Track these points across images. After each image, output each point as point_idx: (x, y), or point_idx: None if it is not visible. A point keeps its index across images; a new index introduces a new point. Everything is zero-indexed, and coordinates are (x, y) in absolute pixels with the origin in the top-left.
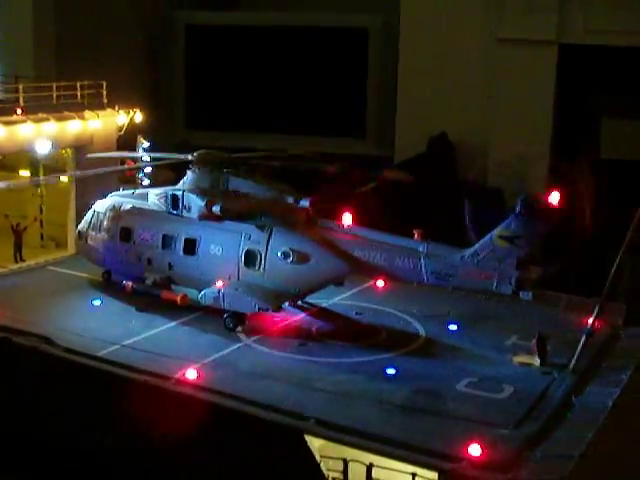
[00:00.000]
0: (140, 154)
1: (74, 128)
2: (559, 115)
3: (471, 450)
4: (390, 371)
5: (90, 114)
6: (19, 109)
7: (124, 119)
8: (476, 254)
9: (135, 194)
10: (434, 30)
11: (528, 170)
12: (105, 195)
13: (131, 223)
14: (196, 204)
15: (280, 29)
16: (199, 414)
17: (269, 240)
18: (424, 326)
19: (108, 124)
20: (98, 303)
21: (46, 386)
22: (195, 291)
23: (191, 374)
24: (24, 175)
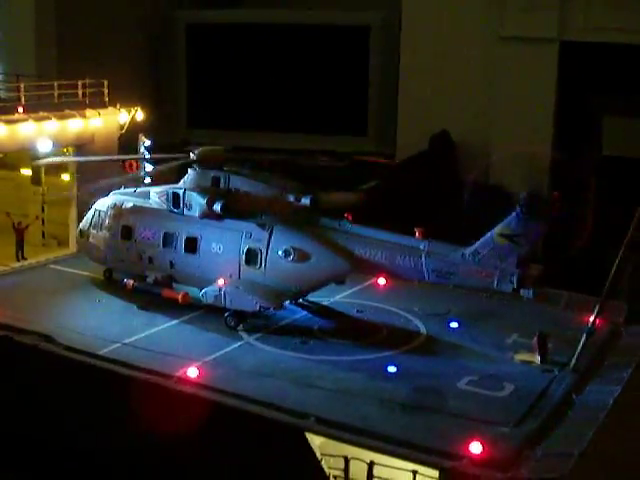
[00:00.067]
0: (140, 155)
1: (75, 127)
2: (560, 113)
3: (472, 448)
4: (391, 369)
5: (91, 113)
6: (20, 108)
7: (125, 118)
8: (477, 252)
9: (136, 192)
10: (435, 28)
11: (529, 168)
12: (106, 193)
13: (132, 221)
14: (197, 202)
15: (281, 27)
16: (200, 412)
17: (270, 238)
18: (425, 324)
19: (109, 123)
20: (99, 301)
21: (47, 384)
22: (196, 289)
23: (192, 372)
24: (25, 174)
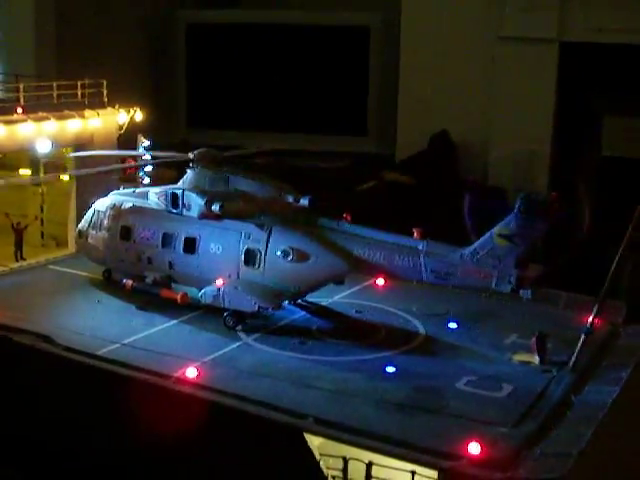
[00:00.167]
0: (139, 152)
1: (74, 127)
2: (560, 113)
3: (470, 448)
4: (390, 369)
5: (90, 113)
6: (19, 108)
7: (124, 118)
8: (475, 252)
9: (135, 193)
10: (435, 28)
11: (529, 168)
12: (106, 194)
13: (131, 222)
14: (196, 203)
15: (281, 28)
16: (199, 413)
17: (269, 239)
18: (424, 324)
19: (108, 123)
20: (98, 302)
21: (46, 385)
22: (195, 290)
23: (191, 372)
24: (25, 174)
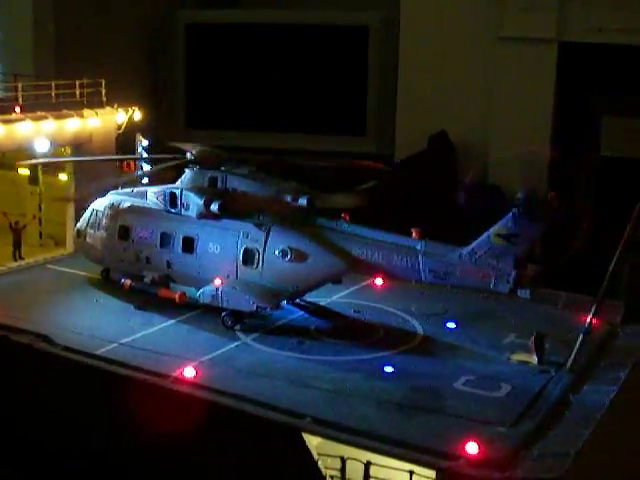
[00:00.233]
0: (136, 156)
1: (73, 126)
2: (559, 113)
3: (468, 448)
4: (388, 369)
5: (89, 112)
6: (18, 107)
7: (123, 117)
8: (474, 252)
9: (134, 192)
10: (434, 28)
11: (528, 168)
12: (104, 193)
13: (129, 221)
14: (194, 202)
15: (280, 27)
16: (197, 412)
17: (267, 238)
18: (422, 324)
19: (107, 122)
20: (97, 301)
21: (44, 384)
22: (193, 289)
23: (189, 372)
24: (23, 173)
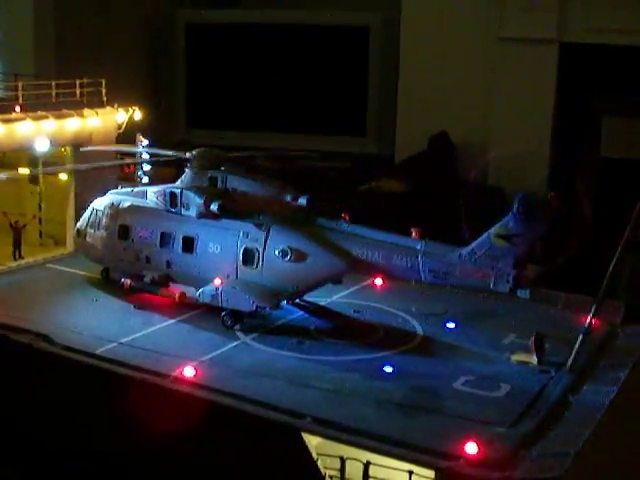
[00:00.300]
0: (138, 150)
1: (73, 126)
2: (559, 114)
3: (468, 448)
4: (387, 369)
5: (89, 112)
6: (18, 107)
7: (123, 117)
8: (474, 252)
9: (133, 192)
10: (435, 28)
11: (528, 169)
12: (104, 193)
13: (129, 221)
14: (194, 202)
15: (280, 27)
16: (196, 412)
17: (267, 238)
18: (422, 324)
19: (107, 122)
20: (96, 301)
21: (44, 383)
22: (193, 289)
23: (189, 372)
24: (24, 172)
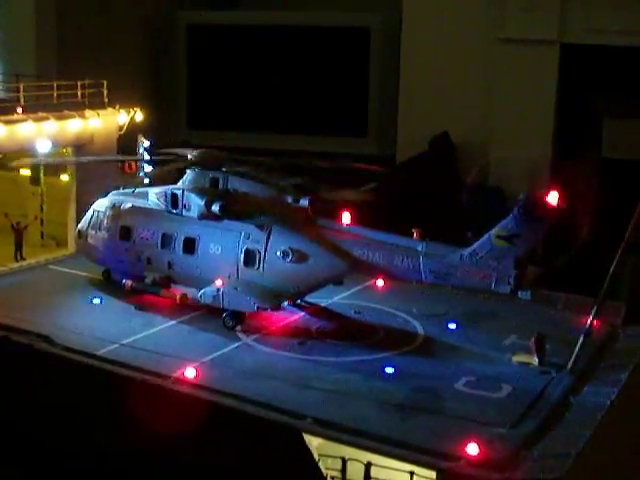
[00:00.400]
0: (137, 157)
1: (74, 127)
2: (560, 114)
3: (469, 449)
4: (389, 370)
5: (90, 113)
6: (19, 108)
7: (125, 118)
8: (475, 253)
9: (135, 193)
10: (436, 29)
11: (529, 169)
12: (105, 194)
13: (131, 222)
14: (196, 203)
15: (281, 28)
16: (197, 413)
17: (268, 239)
18: (423, 325)
19: (109, 123)
20: (98, 302)
21: (45, 385)
22: (194, 290)
23: (190, 373)
24: (25, 174)
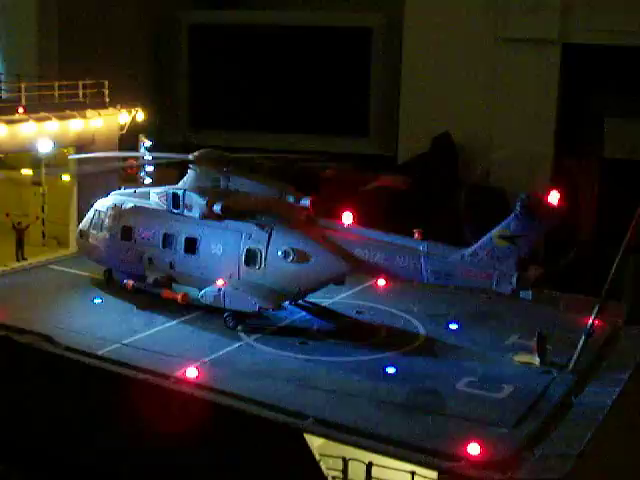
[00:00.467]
0: (139, 154)
1: (76, 127)
2: (562, 114)
3: (470, 449)
4: (390, 370)
5: (92, 113)
6: (21, 108)
7: (126, 118)
8: (476, 253)
9: (136, 193)
10: (437, 29)
11: (531, 169)
12: (107, 194)
13: (132, 222)
14: (197, 203)
15: (283, 28)
16: (199, 413)
17: (269, 239)
18: (424, 325)
19: (110, 123)
20: (99, 302)
21: (46, 384)
22: (196, 290)
23: (191, 373)
24: (26, 174)
